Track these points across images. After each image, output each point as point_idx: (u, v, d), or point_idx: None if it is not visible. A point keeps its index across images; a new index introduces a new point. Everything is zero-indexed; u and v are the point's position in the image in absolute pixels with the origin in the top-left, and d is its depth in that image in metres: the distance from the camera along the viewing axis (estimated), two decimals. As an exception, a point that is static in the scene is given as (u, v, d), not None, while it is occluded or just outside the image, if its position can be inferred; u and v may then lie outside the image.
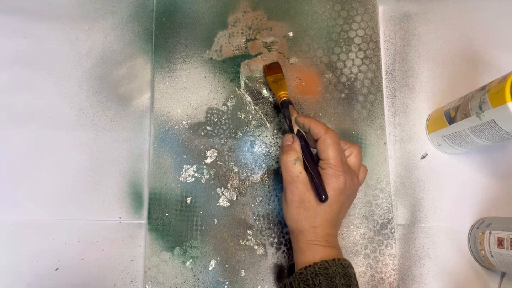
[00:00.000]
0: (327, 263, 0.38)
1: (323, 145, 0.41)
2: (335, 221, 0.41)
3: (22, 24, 0.51)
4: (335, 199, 0.40)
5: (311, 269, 0.38)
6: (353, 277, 0.39)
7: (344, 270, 0.38)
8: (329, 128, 0.42)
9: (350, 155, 0.43)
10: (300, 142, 0.43)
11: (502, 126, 0.42)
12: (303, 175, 0.41)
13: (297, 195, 0.41)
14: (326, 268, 0.38)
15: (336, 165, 0.40)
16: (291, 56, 0.53)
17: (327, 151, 0.40)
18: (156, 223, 0.48)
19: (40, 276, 0.46)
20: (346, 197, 0.41)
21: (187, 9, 0.53)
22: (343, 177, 0.40)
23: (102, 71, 0.51)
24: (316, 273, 0.38)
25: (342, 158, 0.41)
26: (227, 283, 0.47)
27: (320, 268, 0.38)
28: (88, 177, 0.49)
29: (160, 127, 0.50)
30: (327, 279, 0.37)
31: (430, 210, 0.51)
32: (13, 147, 0.48)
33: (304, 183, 0.41)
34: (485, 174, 0.52)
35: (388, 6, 0.56)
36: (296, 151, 0.42)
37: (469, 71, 0.55)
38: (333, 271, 0.38)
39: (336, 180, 0.40)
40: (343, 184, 0.40)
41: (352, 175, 0.41)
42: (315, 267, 0.38)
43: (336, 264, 0.38)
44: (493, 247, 0.47)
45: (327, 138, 0.41)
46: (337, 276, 0.38)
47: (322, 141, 0.41)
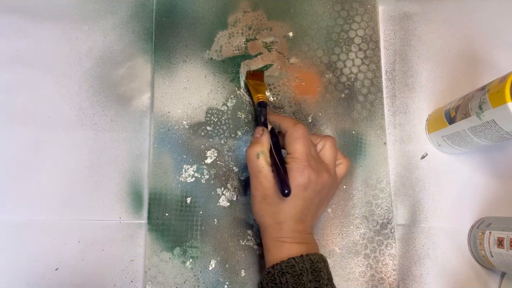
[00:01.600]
0: (294, 260, 0.37)
1: (289, 139, 0.40)
2: (301, 217, 0.40)
3: (22, 24, 0.51)
4: (299, 195, 0.39)
5: (278, 267, 0.37)
6: (323, 270, 0.38)
7: (313, 265, 0.37)
8: (298, 123, 0.41)
9: (322, 148, 0.42)
10: (271, 138, 0.42)
11: (502, 126, 0.42)
12: (266, 170, 0.40)
13: (259, 190, 0.40)
14: (293, 266, 0.37)
15: (300, 159, 0.39)
16: (291, 56, 0.53)
17: (292, 145, 0.39)
18: (156, 223, 0.48)
19: (40, 276, 0.46)
20: (314, 192, 0.39)
21: (187, 9, 0.53)
22: (307, 172, 0.38)
23: (102, 71, 0.51)
24: (283, 271, 0.37)
25: (308, 152, 0.39)
26: (227, 283, 0.47)
27: (287, 266, 0.37)
28: (88, 177, 0.49)
29: (160, 127, 0.50)
30: (294, 277, 0.36)
31: (430, 210, 0.51)
32: (13, 147, 0.48)
33: (267, 177, 0.40)
34: (485, 174, 0.52)
35: (388, 6, 0.56)
36: (261, 144, 0.41)
37: (469, 71, 0.55)
38: (300, 268, 0.37)
39: (299, 175, 0.38)
40: (307, 179, 0.38)
41: (320, 169, 0.40)
42: (282, 265, 0.37)
43: (303, 261, 0.37)
44: (493, 247, 0.47)
45: (294, 131, 0.40)
46: (305, 273, 0.37)
47: (289, 135, 0.40)
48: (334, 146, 0.43)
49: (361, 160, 0.51)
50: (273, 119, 0.44)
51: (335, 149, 0.42)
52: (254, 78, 0.51)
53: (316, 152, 0.41)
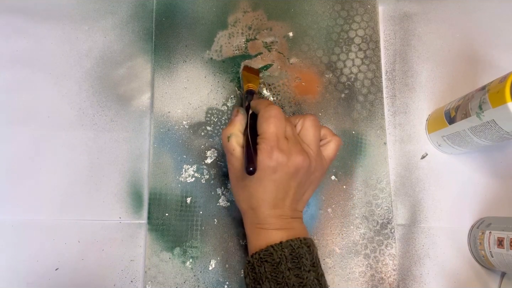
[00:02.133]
0: (273, 248, 0.36)
1: (260, 120, 0.38)
2: (276, 201, 0.38)
3: (22, 24, 0.51)
4: (268, 178, 0.37)
5: (257, 256, 0.36)
6: (305, 256, 0.36)
7: (294, 251, 0.35)
8: (273, 104, 0.39)
9: (302, 128, 0.40)
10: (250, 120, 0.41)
11: (502, 126, 0.42)
12: (237, 151, 0.38)
13: (232, 172, 0.39)
14: (271, 254, 0.35)
15: (269, 139, 0.37)
16: (291, 56, 0.53)
17: (262, 125, 0.38)
18: (156, 223, 0.48)
19: (40, 276, 0.46)
20: (287, 175, 0.37)
21: (187, 9, 0.53)
22: (276, 154, 0.36)
23: (102, 71, 0.51)
24: (261, 260, 0.36)
25: (280, 133, 0.37)
26: (227, 283, 0.47)
27: (265, 255, 0.36)
28: (88, 177, 0.49)
29: (160, 127, 0.50)
30: (272, 265, 0.35)
31: (430, 210, 0.51)
32: (13, 147, 0.48)
33: (238, 159, 0.38)
34: (485, 174, 0.52)
35: (388, 6, 0.56)
36: (234, 125, 0.40)
37: (469, 71, 0.55)
38: (278, 256, 0.35)
39: (267, 157, 0.36)
40: (275, 161, 0.36)
41: (292, 151, 0.37)
42: (260, 254, 0.36)
43: (282, 248, 0.36)
44: (493, 247, 0.47)
45: (265, 111, 0.38)
46: (283, 261, 0.35)
47: (260, 115, 0.38)
48: (315, 124, 0.40)
49: (361, 160, 0.51)
50: (253, 103, 0.42)
51: (315, 128, 0.40)
52: (249, 72, 0.51)
53: (292, 133, 0.39)
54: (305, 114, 0.41)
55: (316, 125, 0.40)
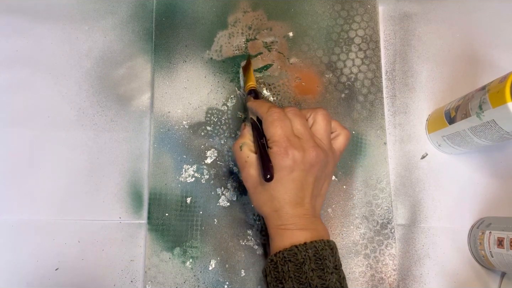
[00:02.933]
0: (297, 248, 0.36)
1: (265, 124, 0.39)
2: (297, 200, 0.38)
3: (22, 24, 0.51)
4: (287, 178, 0.37)
5: (280, 255, 0.36)
6: (328, 258, 0.36)
7: (318, 253, 0.36)
8: (274, 106, 0.40)
9: (313, 122, 0.40)
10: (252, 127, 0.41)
11: (502, 126, 0.42)
12: (251, 159, 0.39)
13: (249, 181, 0.39)
14: (295, 254, 0.36)
15: (279, 141, 0.37)
16: (291, 56, 0.53)
17: (268, 129, 0.38)
18: (156, 223, 0.48)
19: (40, 276, 0.46)
20: (304, 172, 0.38)
21: (187, 9, 0.53)
22: (291, 153, 0.37)
23: (102, 71, 0.51)
24: (285, 260, 0.36)
25: (288, 133, 0.38)
26: (227, 283, 0.47)
27: (289, 254, 0.36)
28: (88, 177, 0.49)
29: (160, 127, 0.50)
30: (296, 265, 0.35)
31: (430, 210, 0.51)
32: (13, 147, 0.48)
33: (253, 166, 0.39)
34: (485, 174, 0.52)
35: (388, 6, 0.56)
36: (244, 136, 0.41)
37: (469, 71, 0.55)
38: (302, 256, 0.36)
39: (281, 157, 0.37)
40: (291, 160, 0.37)
41: (306, 147, 0.38)
42: (284, 253, 0.36)
43: (306, 248, 0.36)
44: (493, 247, 0.47)
45: (268, 116, 0.39)
46: (307, 261, 0.35)
47: (264, 120, 0.39)
48: (326, 118, 0.40)
49: (361, 160, 0.51)
50: (250, 106, 0.43)
51: (326, 121, 0.40)
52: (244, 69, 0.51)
53: (303, 128, 0.39)
54: (316, 108, 0.41)
55: (327, 119, 0.41)
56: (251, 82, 0.48)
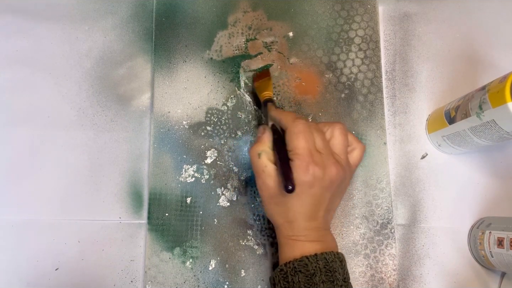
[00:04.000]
0: (307, 259, 0.36)
1: (289, 135, 0.38)
2: (312, 214, 0.38)
3: (22, 24, 0.51)
4: (305, 193, 0.37)
5: (291, 265, 0.37)
6: (338, 271, 0.37)
7: (328, 265, 0.36)
8: (299, 117, 0.39)
9: (331, 137, 0.40)
10: (273, 134, 0.41)
11: (502, 126, 0.42)
12: (269, 169, 0.38)
13: (264, 190, 0.39)
14: (306, 265, 0.36)
15: (302, 155, 0.37)
16: (291, 56, 0.53)
17: (292, 141, 0.37)
18: (156, 223, 0.48)
19: (40, 276, 0.46)
20: (322, 189, 0.38)
21: (187, 9, 0.53)
22: (311, 169, 0.36)
23: (102, 71, 0.51)
24: (295, 270, 0.36)
25: (311, 147, 0.37)
26: (227, 283, 0.47)
27: (300, 265, 0.36)
28: (88, 177, 0.49)
29: (160, 127, 0.50)
30: (306, 276, 0.36)
31: (430, 210, 0.51)
32: (13, 147, 0.48)
33: (271, 176, 0.38)
34: (485, 174, 0.52)
35: (388, 6, 0.56)
36: (263, 142, 0.40)
37: (469, 71, 0.55)
38: (313, 267, 0.36)
39: (302, 172, 0.36)
40: (311, 176, 0.36)
41: (326, 163, 0.38)
42: (294, 263, 0.36)
43: (317, 260, 0.36)
44: (493, 247, 0.47)
45: (293, 127, 0.38)
46: (318, 273, 0.36)
47: (288, 131, 0.38)
48: (343, 133, 0.40)
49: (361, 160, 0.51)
50: (273, 115, 0.42)
51: (344, 136, 0.40)
52: (259, 78, 0.50)
53: (323, 143, 0.39)
54: (334, 122, 0.41)
55: (345, 134, 0.40)
56: (269, 92, 0.48)
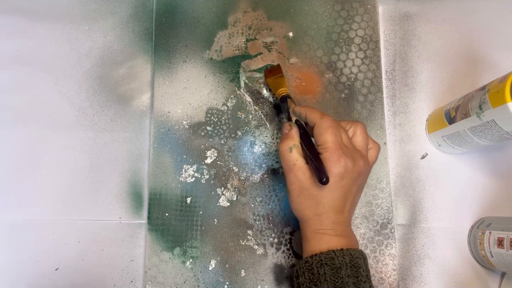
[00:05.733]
0: (334, 253, 0.37)
1: (318, 129, 0.39)
2: (340, 207, 0.39)
3: (22, 24, 0.51)
4: (336, 185, 0.38)
5: (317, 258, 0.37)
6: (362, 267, 0.37)
7: (353, 260, 0.37)
8: (326, 113, 0.41)
9: (354, 134, 0.41)
10: (298, 129, 0.42)
11: (502, 126, 0.42)
12: (300, 163, 0.39)
13: (295, 183, 0.39)
14: (332, 258, 0.37)
15: (333, 148, 0.38)
16: (291, 56, 0.53)
17: (323, 135, 0.39)
18: (156, 223, 0.48)
19: (40, 276, 0.46)
20: (351, 181, 0.39)
21: (187, 9, 0.53)
22: (343, 161, 0.38)
23: (102, 71, 0.51)
24: (321, 263, 0.37)
25: (340, 141, 0.39)
26: (227, 283, 0.47)
27: (326, 258, 0.37)
28: (88, 177, 0.49)
29: (160, 127, 0.50)
30: (332, 269, 0.36)
31: (430, 210, 0.51)
32: (13, 147, 0.48)
33: (302, 170, 0.39)
34: (485, 174, 0.52)
35: (388, 6, 0.56)
36: (292, 138, 0.41)
37: (469, 71, 0.55)
38: (339, 261, 0.36)
39: (334, 165, 0.38)
40: (343, 167, 0.38)
41: (355, 157, 0.39)
42: (321, 256, 0.37)
43: (343, 254, 0.37)
44: (493, 247, 0.47)
45: (322, 122, 0.39)
46: (344, 267, 0.36)
47: (317, 125, 0.40)
48: (365, 132, 0.42)
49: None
50: (298, 110, 0.43)
51: (366, 135, 0.42)
52: (272, 74, 0.51)
53: (348, 140, 0.40)
54: (355, 122, 0.42)
55: (366, 132, 0.42)
56: (285, 87, 0.48)
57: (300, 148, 0.41)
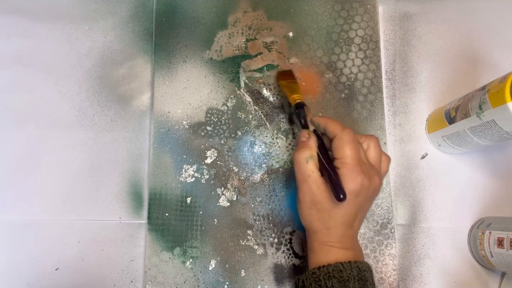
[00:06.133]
0: (342, 266, 0.37)
1: (339, 142, 0.38)
2: (351, 223, 0.39)
3: (22, 24, 0.51)
4: (351, 201, 0.37)
5: (325, 270, 0.37)
6: (369, 280, 0.37)
7: (360, 274, 0.37)
8: (346, 126, 0.40)
9: (368, 148, 0.41)
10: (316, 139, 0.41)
11: (502, 126, 0.42)
12: (315, 175, 0.38)
13: (308, 196, 0.39)
14: (340, 271, 0.37)
15: (352, 164, 0.37)
16: (291, 56, 0.53)
17: (343, 149, 0.38)
18: (156, 223, 0.48)
19: (40, 276, 0.46)
20: (366, 198, 0.39)
21: (187, 9, 0.53)
22: (360, 178, 0.37)
23: (102, 71, 0.51)
24: (329, 275, 0.37)
25: (359, 157, 0.38)
26: (227, 283, 0.47)
27: (334, 271, 0.37)
28: (88, 177, 0.49)
29: (160, 127, 0.50)
30: (340, 282, 0.36)
31: (430, 210, 0.51)
32: (13, 147, 0.48)
33: (317, 183, 0.38)
34: (485, 174, 0.52)
35: (388, 6, 0.56)
36: (310, 148, 0.40)
37: (469, 71, 0.55)
38: (347, 274, 0.36)
39: (352, 182, 0.37)
40: (360, 185, 0.37)
41: (371, 174, 0.39)
42: (329, 268, 0.37)
43: (351, 267, 0.37)
44: (493, 247, 0.47)
45: (344, 135, 0.38)
46: (352, 280, 0.36)
47: (339, 138, 0.39)
48: (379, 145, 0.41)
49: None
50: (317, 120, 0.42)
51: (379, 149, 0.41)
52: (285, 78, 0.50)
53: (365, 155, 0.40)
54: (369, 135, 0.41)
55: (380, 146, 0.41)
56: (299, 94, 0.47)
57: (317, 159, 0.40)
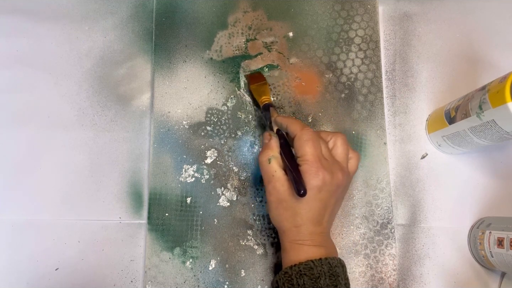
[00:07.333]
0: (313, 263, 0.37)
1: (298, 142, 0.39)
2: (319, 219, 0.39)
3: (22, 24, 0.51)
4: (314, 197, 0.38)
5: (296, 268, 0.37)
6: (341, 276, 0.38)
7: (332, 269, 0.37)
8: (306, 125, 0.41)
9: (333, 146, 0.42)
10: (279, 139, 0.42)
11: (502, 126, 0.42)
12: (278, 174, 0.40)
13: (274, 195, 0.40)
14: (311, 268, 0.37)
15: (312, 161, 0.38)
16: (291, 56, 0.53)
17: (303, 147, 0.39)
18: (156, 223, 0.48)
19: (40, 276, 0.46)
20: (329, 193, 0.39)
21: (187, 9, 0.53)
22: (321, 174, 0.38)
23: (102, 71, 0.51)
24: (300, 273, 0.37)
25: (319, 153, 0.39)
26: (227, 283, 0.47)
27: (305, 268, 0.37)
28: (88, 177, 0.49)
29: (160, 127, 0.50)
30: (311, 279, 0.37)
31: (430, 210, 0.51)
32: (13, 147, 0.48)
33: (281, 182, 0.39)
34: (485, 174, 0.52)
35: (388, 6, 0.56)
36: (272, 148, 0.41)
37: (469, 71, 0.55)
38: (318, 271, 0.37)
39: (312, 177, 0.38)
40: (321, 181, 0.38)
41: (333, 169, 0.39)
42: (300, 267, 0.37)
43: (322, 264, 0.37)
44: (493, 247, 0.47)
45: (303, 134, 0.39)
46: (322, 276, 0.37)
47: (298, 137, 0.40)
48: (345, 142, 0.42)
49: (361, 160, 0.51)
50: (280, 121, 0.43)
51: (346, 145, 0.42)
52: (255, 81, 0.50)
53: (328, 151, 0.40)
54: (336, 133, 0.42)
55: (347, 143, 0.42)
56: (268, 96, 0.48)
57: (280, 159, 0.41)
